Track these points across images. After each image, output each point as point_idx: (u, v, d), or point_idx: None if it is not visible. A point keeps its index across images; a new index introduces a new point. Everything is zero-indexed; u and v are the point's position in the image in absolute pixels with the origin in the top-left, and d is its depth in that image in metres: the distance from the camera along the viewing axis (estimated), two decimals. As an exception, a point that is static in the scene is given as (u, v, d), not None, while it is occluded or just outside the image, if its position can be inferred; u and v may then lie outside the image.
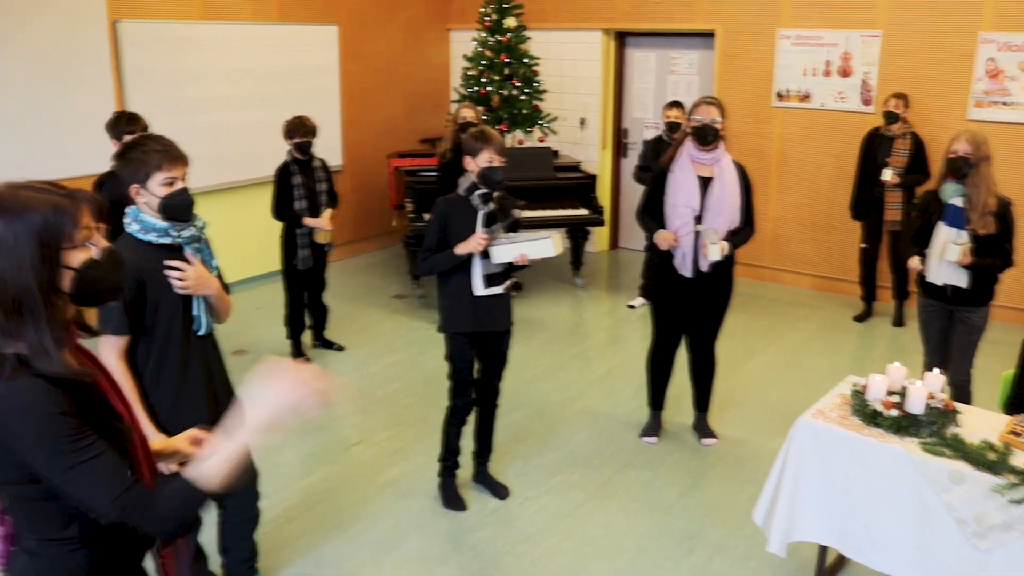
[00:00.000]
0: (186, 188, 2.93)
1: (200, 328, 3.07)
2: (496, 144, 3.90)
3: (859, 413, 3.43)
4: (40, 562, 1.86)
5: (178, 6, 7.16)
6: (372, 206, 9.13)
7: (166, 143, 2.90)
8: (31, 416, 1.69)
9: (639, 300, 7.46)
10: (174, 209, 2.90)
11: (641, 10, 8.52)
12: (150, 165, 2.85)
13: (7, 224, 1.70)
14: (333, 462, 4.80)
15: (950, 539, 3.12)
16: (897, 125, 6.65)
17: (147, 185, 2.87)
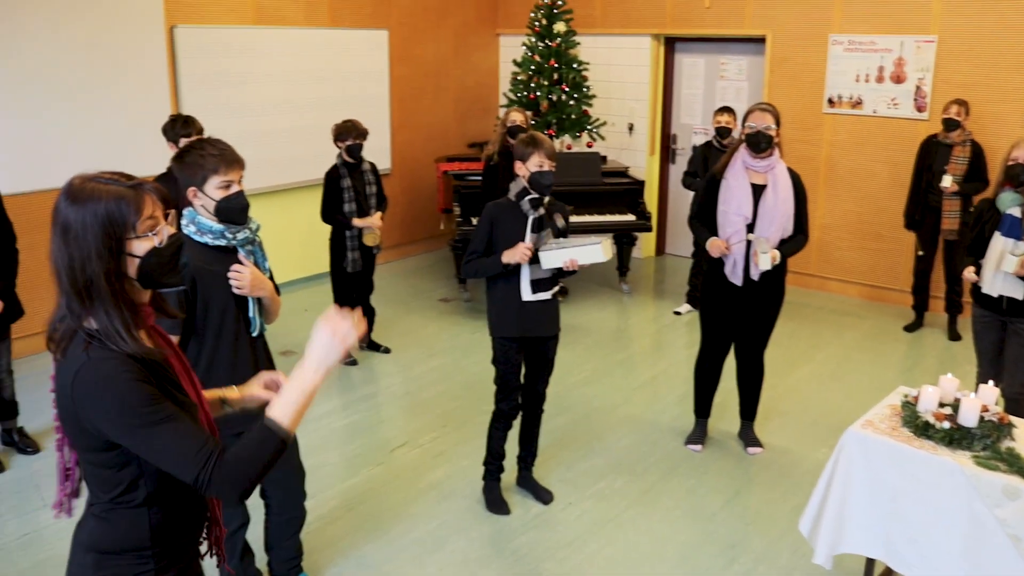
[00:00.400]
0: (242, 192, 2.98)
1: (254, 329, 3.13)
2: (546, 149, 3.91)
3: (910, 425, 3.37)
4: (106, 527, 1.94)
5: (233, 12, 7.27)
6: (419, 209, 9.19)
7: (223, 147, 2.96)
8: (111, 384, 1.77)
9: (685, 307, 7.41)
10: (230, 212, 2.95)
11: (690, 15, 8.48)
12: (207, 168, 2.90)
13: (76, 213, 1.79)
14: (377, 464, 4.83)
15: (1003, 556, 3.05)
16: (956, 132, 6.53)
17: (204, 188, 2.92)
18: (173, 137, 5.00)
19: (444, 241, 8.90)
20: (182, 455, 1.78)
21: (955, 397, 3.41)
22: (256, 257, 3.13)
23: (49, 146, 6.23)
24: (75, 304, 1.81)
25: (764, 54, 8.17)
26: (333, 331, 1.87)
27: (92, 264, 1.79)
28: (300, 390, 1.87)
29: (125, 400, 1.77)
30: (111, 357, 1.79)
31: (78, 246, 1.79)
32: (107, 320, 1.80)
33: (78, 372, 1.79)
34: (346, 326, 1.89)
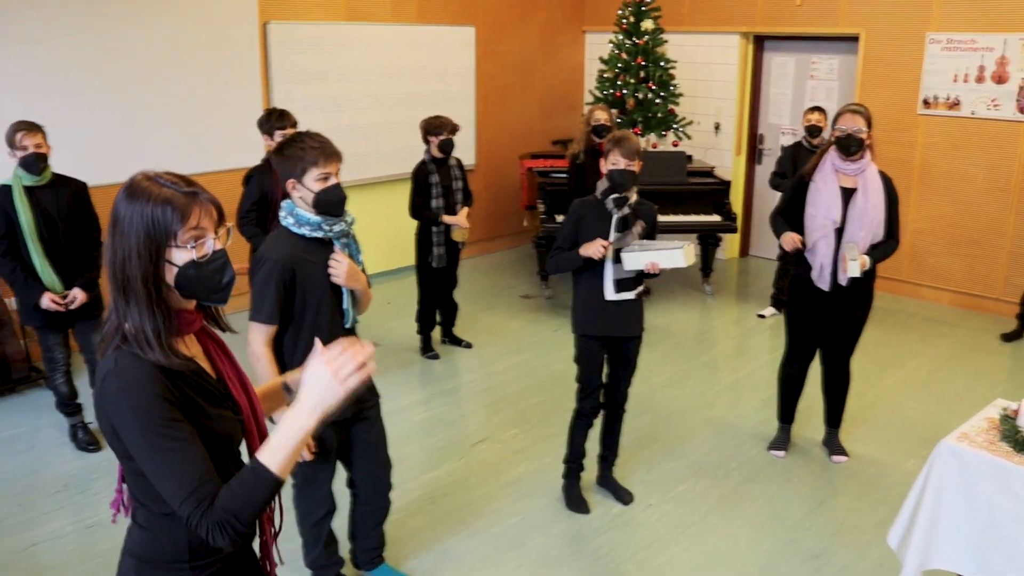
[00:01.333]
0: (339, 184, 3.04)
1: (347, 321, 3.19)
2: (623, 148, 3.90)
3: (1009, 439, 3.26)
4: (147, 536, 1.90)
5: (324, 8, 7.41)
6: (503, 206, 9.23)
7: (322, 140, 3.01)
8: (130, 395, 1.72)
9: (769, 310, 7.30)
10: (327, 204, 3.01)
11: (781, 13, 8.33)
12: (306, 161, 2.96)
13: (126, 209, 1.76)
14: (457, 458, 4.87)
15: (1105, 578, 2.94)
16: None
17: (303, 180, 2.98)
18: (268, 130, 5.11)
19: (527, 238, 8.93)
20: (179, 489, 1.70)
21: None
22: (351, 249, 3.19)
23: (143, 139, 6.43)
24: (118, 302, 1.78)
25: (857, 53, 7.98)
26: (335, 371, 1.71)
27: (132, 264, 1.75)
28: (291, 434, 1.71)
29: (140, 416, 1.71)
30: (136, 366, 1.74)
31: (122, 243, 1.75)
32: (139, 323, 1.75)
33: (105, 378, 1.75)
34: (350, 367, 1.72)
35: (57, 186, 4.68)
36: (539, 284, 7.89)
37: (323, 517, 3.49)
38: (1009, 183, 7.20)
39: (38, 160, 4.53)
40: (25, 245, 4.58)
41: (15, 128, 4.51)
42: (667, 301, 7.66)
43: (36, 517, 4.26)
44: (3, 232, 4.56)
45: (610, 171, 3.94)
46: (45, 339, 4.83)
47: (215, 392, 1.88)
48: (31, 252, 4.59)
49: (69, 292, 4.68)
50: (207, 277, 1.81)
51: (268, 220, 5.18)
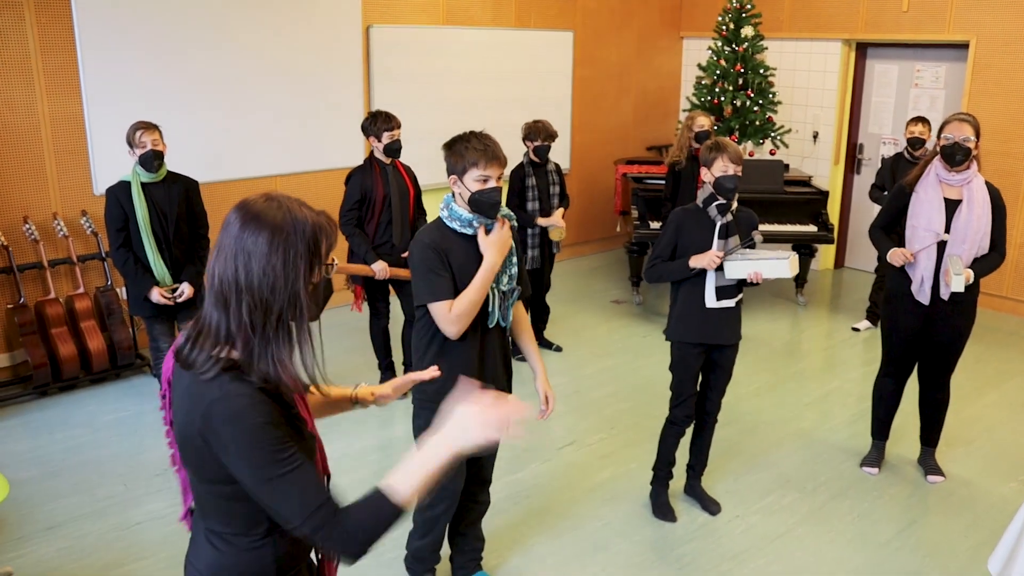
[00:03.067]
0: (497, 188, 3.11)
1: (491, 321, 3.26)
2: (731, 153, 3.89)
3: (1115, 465, 3.15)
4: (225, 558, 1.87)
5: (424, 12, 7.54)
6: (596, 210, 9.24)
7: (488, 143, 3.11)
8: (241, 424, 1.69)
9: (864, 323, 7.14)
10: (481, 205, 3.11)
11: (885, 19, 8.14)
12: (467, 160, 3.08)
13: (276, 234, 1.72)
14: (543, 460, 4.91)
15: None
16: None
17: (463, 178, 3.10)
18: (375, 132, 5.24)
19: (619, 243, 8.93)
20: (303, 508, 1.70)
21: None
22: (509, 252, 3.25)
23: (250, 139, 6.66)
24: (233, 329, 1.73)
25: (964, 60, 7.75)
26: (482, 418, 1.69)
27: (280, 292, 1.72)
28: (423, 463, 1.71)
29: (255, 443, 1.69)
30: (245, 394, 1.70)
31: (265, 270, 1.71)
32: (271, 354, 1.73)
33: (211, 405, 1.70)
34: (498, 418, 1.69)
35: (170, 183, 4.91)
36: (630, 290, 7.89)
37: (442, 512, 3.50)
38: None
39: (155, 157, 4.76)
40: (139, 239, 4.82)
41: (135, 127, 4.76)
42: (759, 311, 7.57)
43: (138, 497, 4.46)
44: (120, 225, 4.81)
45: (720, 178, 3.91)
46: (152, 329, 5.05)
47: (298, 419, 1.87)
48: (145, 246, 4.82)
49: (178, 286, 4.90)
50: (319, 294, 1.84)
51: (367, 220, 5.31)
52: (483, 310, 3.23)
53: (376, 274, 5.24)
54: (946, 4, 7.71)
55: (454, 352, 3.21)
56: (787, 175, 7.73)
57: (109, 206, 4.81)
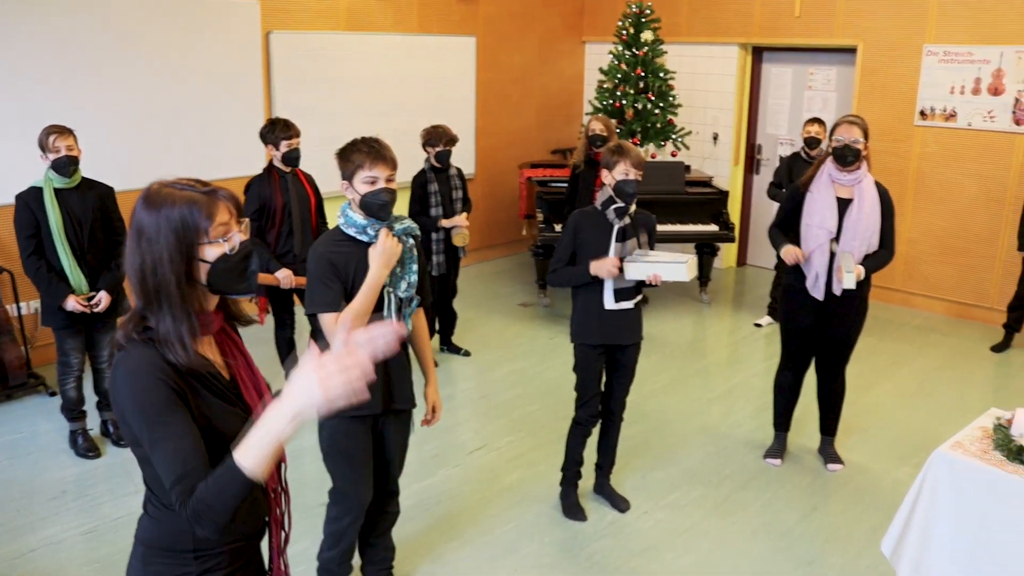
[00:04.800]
0: (387, 189, 3.09)
1: None
2: (632, 157, 3.93)
3: (1002, 448, 3.28)
4: (155, 524, 1.95)
5: (325, 18, 7.45)
6: (502, 214, 9.27)
7: (374, 144, 3.11)
8: (136, 377, 1.78)
9: (766, 319, 7.33)
10: (371, 207, 3.09)
11: (779, 24, 8.38)
12: (355, 163, 3.07)
13: (150, 217, 1.82)
14: (453, 465, 4.89)
15: (1094, 585, 2.96)
16: None
17: (352, 182, 3.09)
18: (273, 140, 5.15)
19: (525, 246, 8.96)
20: (168, 475, 1.74)
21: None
22: (403, 256, 3.22)
23: (150, 147, 6.47)
24: (144, 307, 1.84)
25: (854, 64, 8.03)
26: (321, 379, 1.62)
27: (163, 268, 1.80)
28: (267, 434, 1.68)
29: (140, 399, 1.77)
30: (143, 355, 1.80)
31: (150, 250, 1.81)
32: (171, 325, 1.81)
33: (116, 366, 1.82)
34: (340, 377, 1.62)
35: (85, 189, 4.72)
36: (537, 292, 7.93)
37: (350, 523, 3.46)
38: (1003, 194, 7.24)
39: (69, 163, 4.58)
40: (52, 246, 4.62)
41: (48, 131, 4.56)
42: (663, 310, 7.70)
43: (34, 523, 4.28)
44: (31, 232, 4.60)
45: (620, 182, 3.93)
46: (63, 343, 4.84)
47: (226, 391, 1.93)
48: (59, 253, 4.63)
49: (95, 294, 4.73)
50: (236, 268, 1.88)
51: (267, 229, 5.22)
52: (381, 317, 3.21)
53: (281, 282, 5.15)
54: (834, 11, 7.98)
55: None
56: (688, 176, 7.89)
57: (19, 213, 4.61)
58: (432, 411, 3.54)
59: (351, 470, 3.38)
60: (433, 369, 3.59)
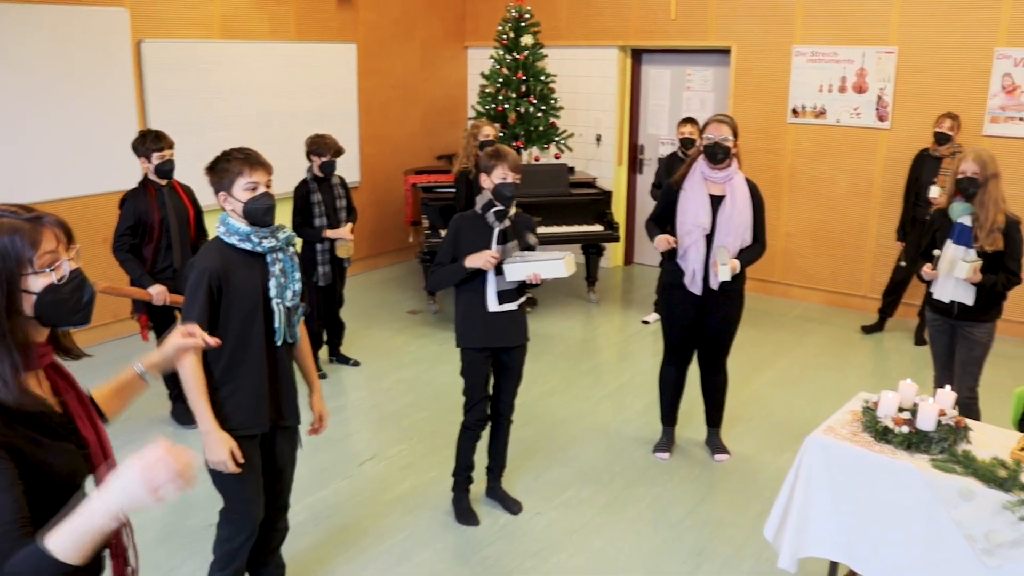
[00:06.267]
0: (268, 193, 3.08)
1: (278, 339, 3.20)
2: (510, 161, 3.95)
3: (870, 430, 3.42)
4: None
5: (199, 26, 7.26)
6: (388, 222, 9.20)
7: (248, 152, 3.08)
8: None
9: (653, 316, 7.46)
10: (255, 213, 3.05)
11: (655, 27, 8.56)
12: (233, 172, 3.03)
13: None
14: (344, 477, 4.82)
15: (959, 556, 3.10)
16: (946, 146, 6.61)
17: (232, 191, 3.04)
18: (144, 152, 5.01)
19: (412, 253, 8.92)
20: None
21: (914, 402, 3.47)
22: (285, 265, 3.19)
23: (19, 163, 6.18)
24: None
25: (729, 65, 8.26)
26: (148, 480, 1.58)
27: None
28: (85, 523, 1.60)
29: None
30: None
31: None
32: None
33: None
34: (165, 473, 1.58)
35: None
36: (426, 299, 7.89)
37: (243, 543, 3.36)
38: (871, 187, 7.56)
39: None
40: None
41: None
42: (552, 310, 7.76)
43: None
44: None
45: (499, 185, 3.96)
46: None
47: (57, 428, 1.81)
48: None
49: None
50: (67, 299, 1.77)
51: (144, 244, 5.06)
52: (269, 328, 3.17)
53: (154, 298, 5.00)
54: (708, 14, 8.20)
55: (243, 373, 3.14)
56: (572, 178, 7.98)
57: None
58: (319, 420, 3.51)
59: (243, 489, 3.30)
60: (317, 378, 3.55)
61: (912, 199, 6.84)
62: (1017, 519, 2.96)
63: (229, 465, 3.09)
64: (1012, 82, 6.87)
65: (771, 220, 5.97)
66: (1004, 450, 3.28)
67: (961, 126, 6.69)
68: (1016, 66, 6.83)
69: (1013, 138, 6.90)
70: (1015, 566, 2.99)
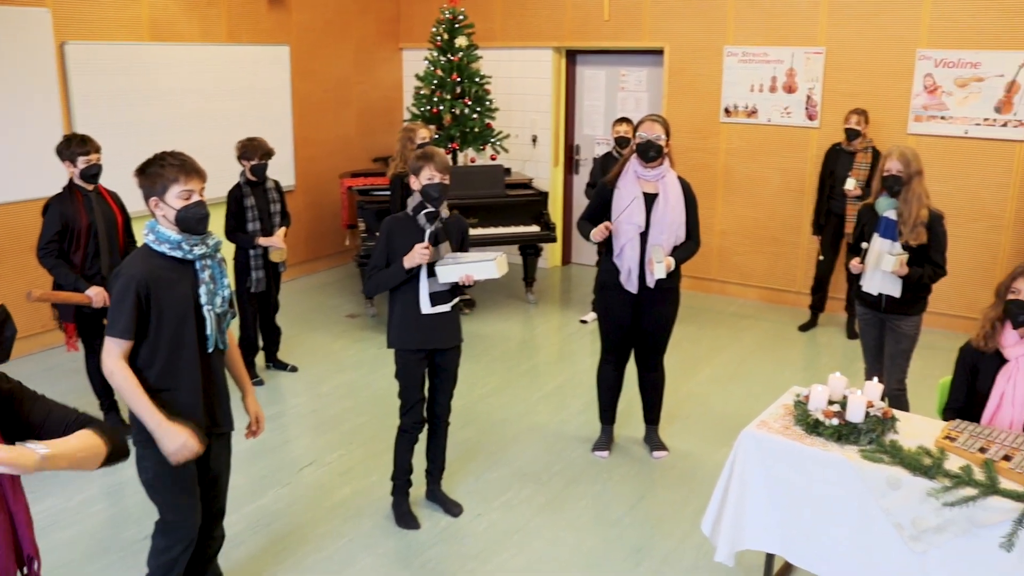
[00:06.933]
0: (202, 201, 3.03)
1: (210, 346, 3.15)
2: (437, 162, 3.95)
3: (801, 423, 3.49)
4: None
5: (125, 28, 7.11)
6: (325, 225, 9.11)
7: (183, 158, 3.02)
8: None
9: (591, 315, 7.51)
10: (188, 221, 3.00)
11: (589, 28, 8.62)
12: (167, 178, 2.97)
13: None
14: (283, 484, 4.77)
15: (888, 543, 3.18)
16: (858, 140, 6.79)
17: (164, 198, 2.98)
18: (70, 157, 4.90)
19: (349, 257, 8.87)
20: None
21: (843, 395, 3.55)
22: (214, 272, 3.15)
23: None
24: None
25: (662, 65, 8.35)
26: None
27: None
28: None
29: None
30: None
31: None
32: None
33: None
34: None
35: None
36: (364, 303, 7.84)
37: (180, 553, 3.29)
38: (802, 184, 7.71)
39: None
40: None
41: None
42: (491, 312, 7.76)
43: None
44: None
45: (426, 186, 3.95)
46: None
47: None
48: None
49: None
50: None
51: (72, 251, 4.95)
52: (201, 335, 3.13)
53: (93, 300, 4.89)
54: (641, 14, 8.28)
55: (176, 381, 3.10)
56: (509, 179, 7.99)
57: None
58: (255, 421, 3.47)
59: (179, 498, 3.25)
60: (249, 381, 3.53)
61: (827, 193, 7.02)
62: (941, 505, 3.04)
63: (191, 445, 3.00)
64: (933, 82, 7.06)
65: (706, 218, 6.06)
66: (930, 439, 3.37)
67: (869, 120, 6.86)
68: (937, 67, 7.03)
69: (935, 136, 7.09)
70: (940, 550, 3.07)
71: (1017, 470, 3.07)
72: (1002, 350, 3.61)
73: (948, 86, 7.02)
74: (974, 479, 3.05)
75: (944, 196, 6.83)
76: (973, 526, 3.00)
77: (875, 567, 3.24)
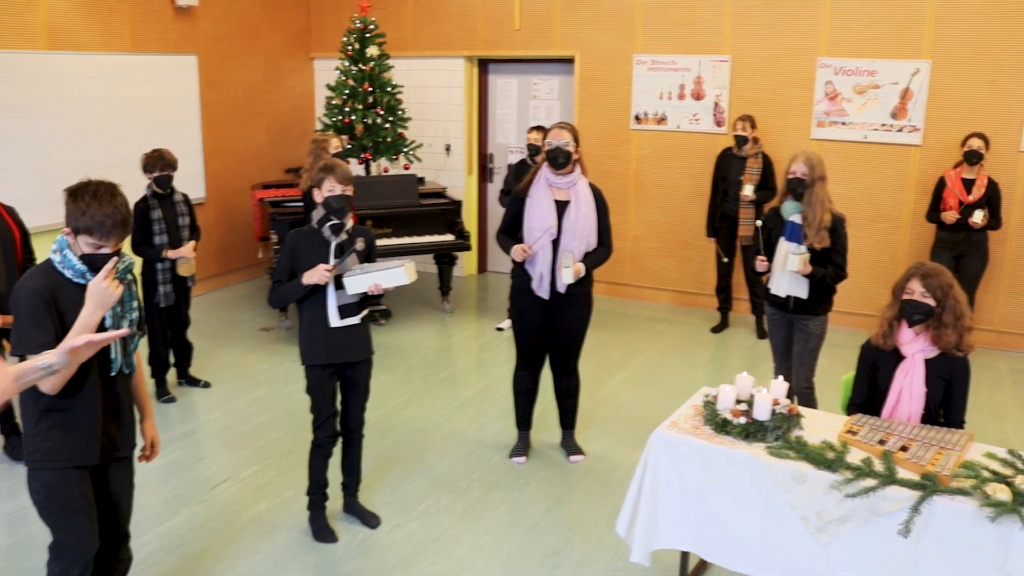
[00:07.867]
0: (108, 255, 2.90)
1: (114, 368, 3.04)
2: (338, 174, 3.95)
3: (710, 422, 3.57)
4: None
5: (21, 35, 6.89)
6: (237, 238, 8.96)
7: (115, 217, 2.85)
8: None
9: (507, 322, 7.53)
10: (95, 263, 2.89)
11: (501, 37, 8.68)
12: (83, 227, 2.84)
13: None
14: (197, 502, 4.67)
15: (795, 536, 3.28)
16: (748, 145, 6.99)
17: (78, 237, 2.87)
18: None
19: (263, 269, 8.74)
20: None
21: (750, 394, 3.64)
22: (122, 294, 3.00)
23: None
24: None
25: (573, 74, 8.45)
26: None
27: None
28: None
29: None
30: None
31: None
32: None
33: None
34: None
35: None
36: (278, 315, 7.73)
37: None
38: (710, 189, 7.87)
39: None
40: None
41: None
42: (407, 321, 7.74)
43: None
44: None
45: (327, 198, 3.95)
46: None
47: None
48: None
49: None
50: None
51: None
52: (105, 357, 3.02)
53: None
54: (552, 23, 8.37)
55: (73, 404, 2.96)
56: (422, 188, 7.98)
57: None
58: (151, 446, 3.38)
59: (72, 520, 3.14)
60: (149, 404, 3.42)
61: (720, 196, 7.23)
62: (844, 496, 3.15)
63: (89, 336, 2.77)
64: (834, 89, 7.30)
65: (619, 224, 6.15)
66: (833, 434, 3.49)
67: (756, 126, 7.08)
68: (836, 74, 7.27)
69: (837, 141, 7.34)
70: (843, 540, 3.18)
71: (913, 460, 3.20)
72: (899, 347, 3.75)
73: (847, 93, 7.27)
74: (874, 470, 3.17)
75: (845, 199, 7.07)
76: (873, 515, 3.11)
77: (784, 560, 3.33)
